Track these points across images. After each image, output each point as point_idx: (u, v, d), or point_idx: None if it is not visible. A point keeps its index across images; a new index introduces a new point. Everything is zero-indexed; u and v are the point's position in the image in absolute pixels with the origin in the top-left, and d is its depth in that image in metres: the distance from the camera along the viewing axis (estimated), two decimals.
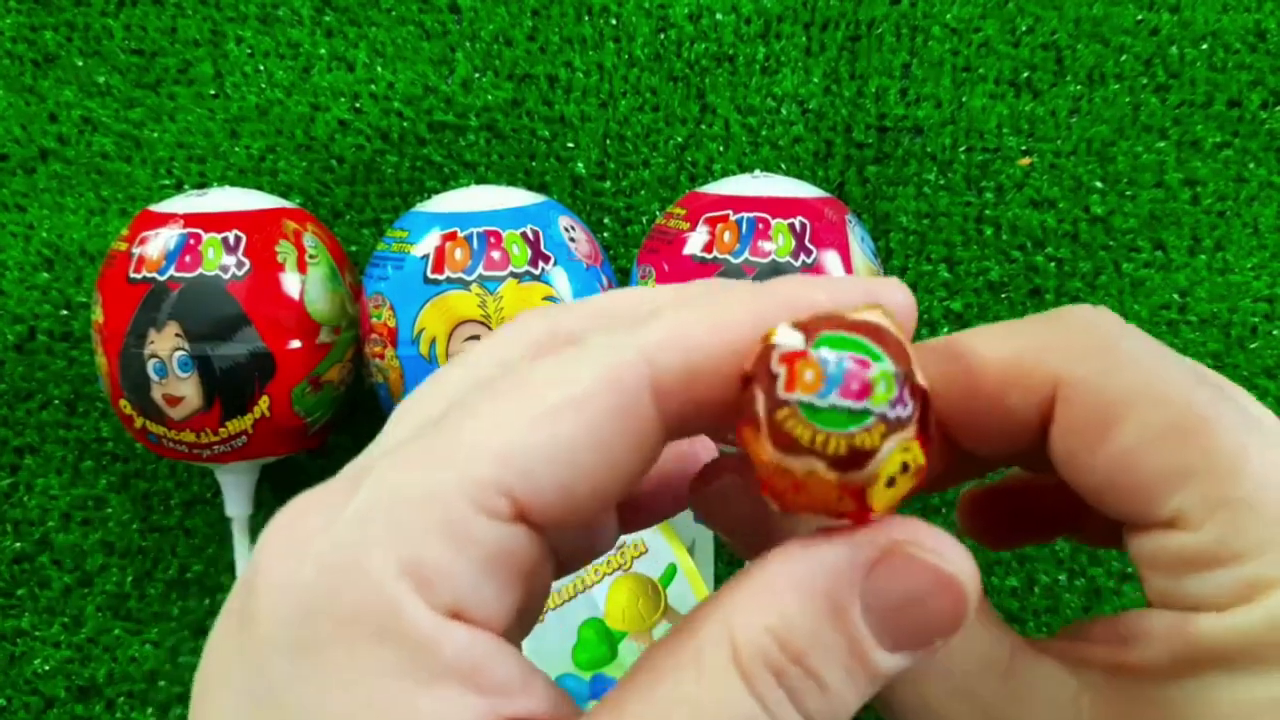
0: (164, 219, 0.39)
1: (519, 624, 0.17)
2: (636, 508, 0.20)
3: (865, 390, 0.14)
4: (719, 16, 0.47)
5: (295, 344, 0.39)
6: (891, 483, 0.15)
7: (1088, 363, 0.17)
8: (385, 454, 0.16)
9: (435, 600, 0.15)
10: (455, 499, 0.15)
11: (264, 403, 0.39)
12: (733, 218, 0.38)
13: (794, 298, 0.16)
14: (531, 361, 0.17)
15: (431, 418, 0.16)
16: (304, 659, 0.14)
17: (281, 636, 0.15)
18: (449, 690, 0.15)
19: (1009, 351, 0.18)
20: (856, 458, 0.14)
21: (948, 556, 0.15)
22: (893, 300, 0.17)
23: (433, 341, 0.38)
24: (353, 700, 0.14)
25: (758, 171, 0.43)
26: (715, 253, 0.38)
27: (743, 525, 0.19)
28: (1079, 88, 0.46)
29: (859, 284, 0.17)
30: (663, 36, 0.47)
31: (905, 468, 0.15)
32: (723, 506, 0.19)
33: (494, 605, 0.15)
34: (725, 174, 0.46)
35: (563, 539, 0.17)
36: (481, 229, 0.38)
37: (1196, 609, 0.17)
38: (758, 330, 0.16)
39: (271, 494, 0.45)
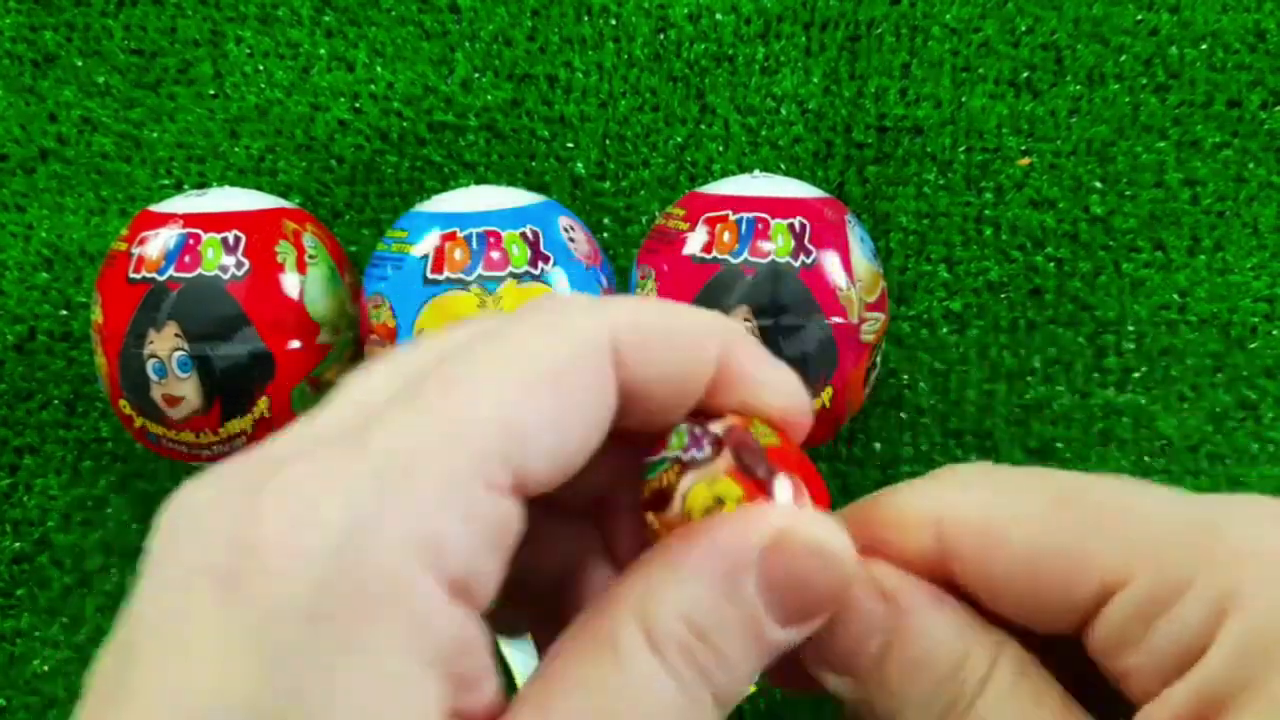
0: (164, 219, 0.39)
1: (497, 596, 0.17)
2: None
3: (663, 444, 0.18)
4: (719, 16, 0.47)
5: (295, 344, 0.39)
6: (711, 514, 0.17)
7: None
8: (383, 412, 0.16)
9: (443, 576, 0.15)
10: (467, 473, 0.15)
11: (263, 403, 0.39)
12: (732, 218, 0.38)
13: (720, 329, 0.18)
14: (513, 324, 0.17)
15: (420, 373, 0.16)
16: (315, 627, 0.14)
17: (292, 603, 0.14)
18: (437, 677, 0.15)
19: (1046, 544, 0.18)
20: (661, 497, 0.18)
21: (830, 540, 0.17)
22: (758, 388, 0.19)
23: None
24: (362, 672, 0.14)
25: (757, 171, 0.43)
26: (715, 253, 0.38)
27: None
28: (1079, 88, 0.46)
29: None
30: (662, 36, 0.47)
31: (721, 501, 0.17)
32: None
33: (489, 580, 0.16)
34: (725, 174, 0.46)
35: None
36: (481, 229, 0.38)
37: None
38: (694, 329, 0.18)
39: None
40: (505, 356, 0.16)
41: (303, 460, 0.15)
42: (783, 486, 0.18)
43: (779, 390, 0.19)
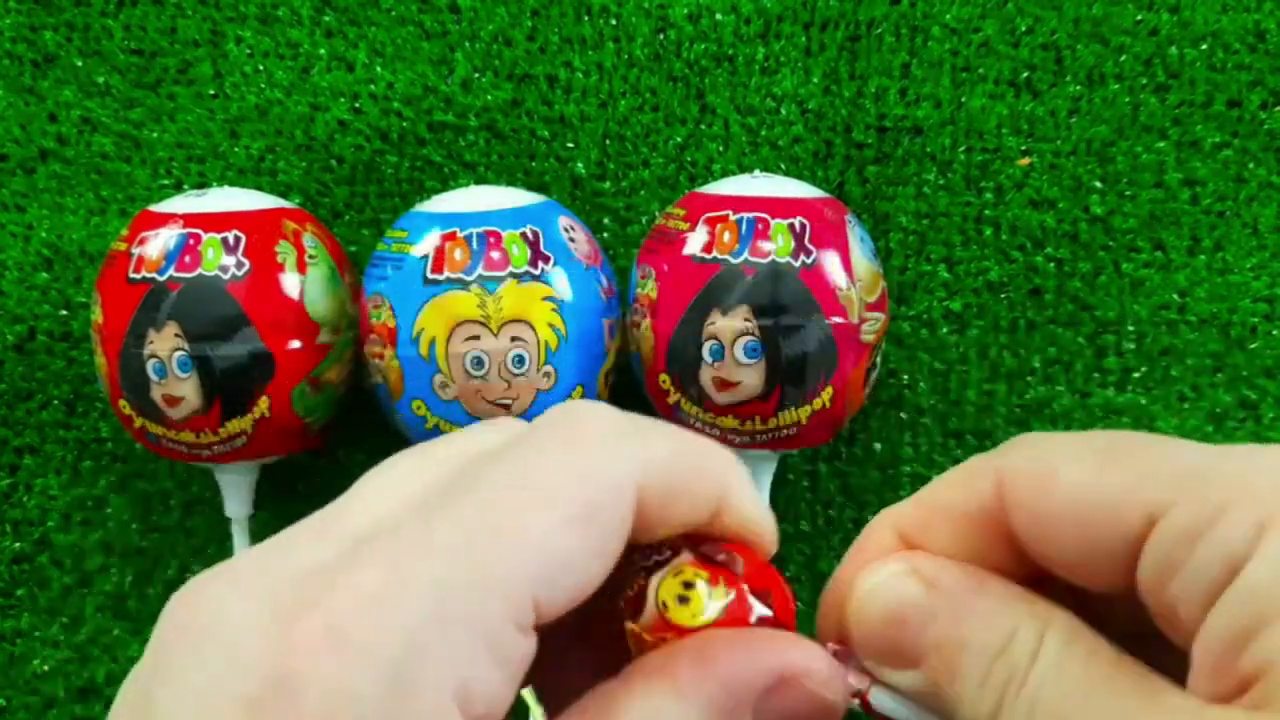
0: (163, 219, 0.39)
1: None
2: None
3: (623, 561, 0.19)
4: (719, 16, 0.47)
5: (295, 344, 0.39)
6: (684, 600, 0.18)
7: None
8: (421, 536, 0.16)
9: (470, 715, 0.15)
10: (502, 617, 0.15)
11: (264, 403, 0.39)
12: (732, 218, 0.38)
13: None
14: (546, 451, 0.17)
15: (451, 486, 0.16)
16: None
17: None
18: None
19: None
20: (635, 605, 0.19)
21: (831, 687, 0.18)
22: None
23: (432, 342, 0.38)
24: None
25: (757, 171, 0.43)
26: (715, 253, 0.38)
27: None
28: (1079, 88, 0.46)
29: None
30: (662, 36, 0.47)
31: (689, 585, 0.18)
32: None
33: (505, 709, 0.16)
34: (725, 174, 0.46)
35: None
36: (481, 229, 0.38)
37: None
38: (703, 482, 0.19)
39: (271, 494, 0.45)
40: (539, 492, 0.16)
41: (339, 587, 0.15)
42: (738, 562, 0.19)
43: (761, 532, 0.20)
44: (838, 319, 0.38)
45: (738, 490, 0.19)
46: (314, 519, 0.17)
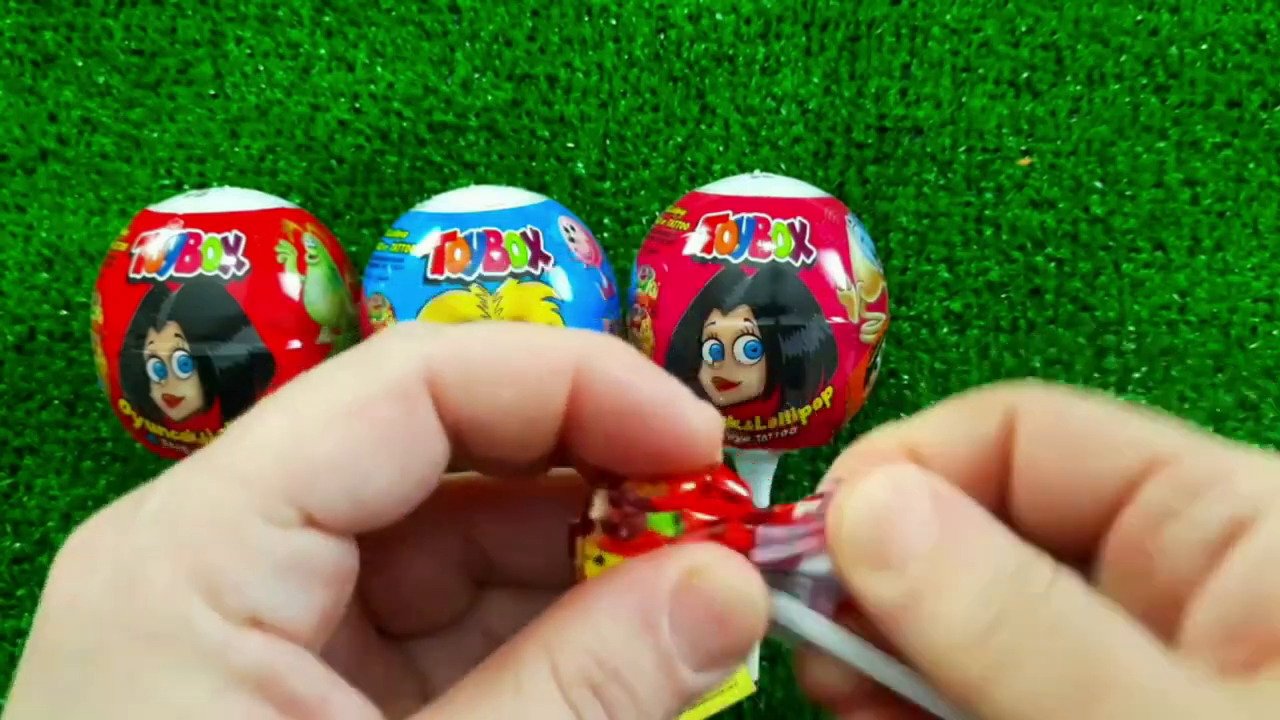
0: (164, 219, 0.39)
1: (324, 629, 0.17)
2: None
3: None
4: (719, 16, 0.47)
5: (295, 344, 0.39)
6: (600, 560, 0.18)
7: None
8: (174, 470, 0.16)
9: (227, 609, 0.15)
10: (240, 508, 0.15)
11: None
12: (732, 218, 0.38)
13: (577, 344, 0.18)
14: (332, 362, 0.17)
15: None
16: (92, 667, 0.14)
17: (69, 646, 0.15)
18: (241, 701, 0.15)
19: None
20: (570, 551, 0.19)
21: (743, 583, 0.17)
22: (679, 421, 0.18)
23: None
24: (142, 709, 0.14)
25: (757, 171, 0.43)
26: (715, 253, 0.38)
27: None
28: (1079, 88, 0.46)
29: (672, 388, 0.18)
30: (662, 37, 0.47)
31: (600, 560, 0.18)
32: None
33: (294, 612, 0.15)
34: (725, 174, 0.46)
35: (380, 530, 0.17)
36: (481, 229, 0.38)
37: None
38: (531, 361, 0.17)
39: None
40: (303, 396, 0.16)
41: (97, 516, 0.16)
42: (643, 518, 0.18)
43: (659, 402, 0.17)
44: (838, 319, 0.38)
45: (605, 370, 0.17)
46: None
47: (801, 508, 0.19)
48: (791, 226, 0.38)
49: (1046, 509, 0.18)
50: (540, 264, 0.38)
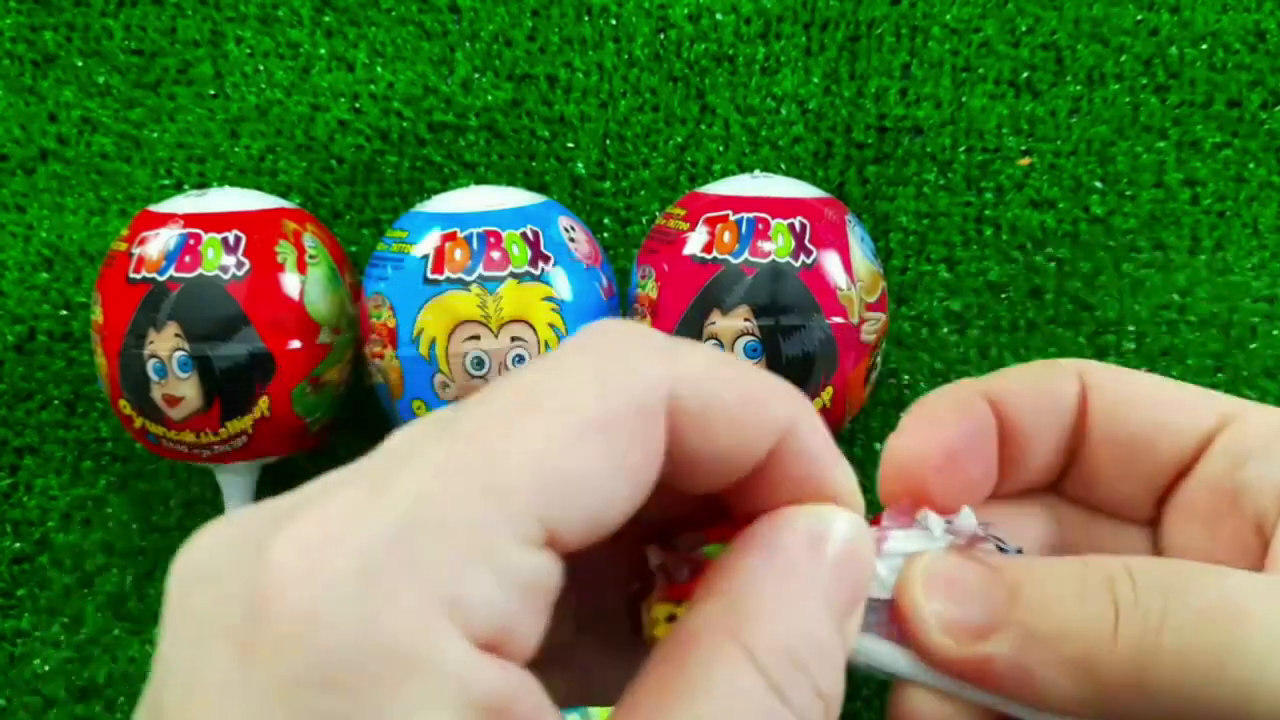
0: (164, 219, 0.39)
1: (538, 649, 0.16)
2: None
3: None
4: (719, 16, 0.47)
5: (295, 344, 0.39)
6: (672, 619, 0.18)
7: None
8: (411, 454, 0.15)
9: (472, 633, 0.14)
10: (497, 528, 0.14)
11: (264, 403, 0.39)
12: (732, 218, 0.38)
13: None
14: (565, 359, 0.16)
15: (452, 420, 0.15)
16: (333, 694, 0.13)
17: (309, 670, 0.13)
18: None
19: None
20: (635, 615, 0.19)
21: (860, 528, 0.18)
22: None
23: (432, 342, 0.38)
24: None
25: (757, 171, 0.43)
26: (715, 253, 0.38)
27: None
28: (1079, 88, 0.46)
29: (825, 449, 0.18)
30: (662, 36, 0.47)
31: (672, 619, 0.18)
32: None
33: (526, 636, 0.15)
34: (725, 174, 0.46)
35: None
36: (481, 229, 0.38)
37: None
38: (758, 412, 0.17)
39: (271, 494, 0.45)
40: (551, 398, 0.15)
41: (316, 506, 0.14)
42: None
43: (838, 478, 0.18)
44: (838, 319, 0.38)
45: (807, 427, 0.17)
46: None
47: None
48: (791, 226, 0.38)
49: (1125, 461, 0.20)
50: (540, 264, 0.38)
